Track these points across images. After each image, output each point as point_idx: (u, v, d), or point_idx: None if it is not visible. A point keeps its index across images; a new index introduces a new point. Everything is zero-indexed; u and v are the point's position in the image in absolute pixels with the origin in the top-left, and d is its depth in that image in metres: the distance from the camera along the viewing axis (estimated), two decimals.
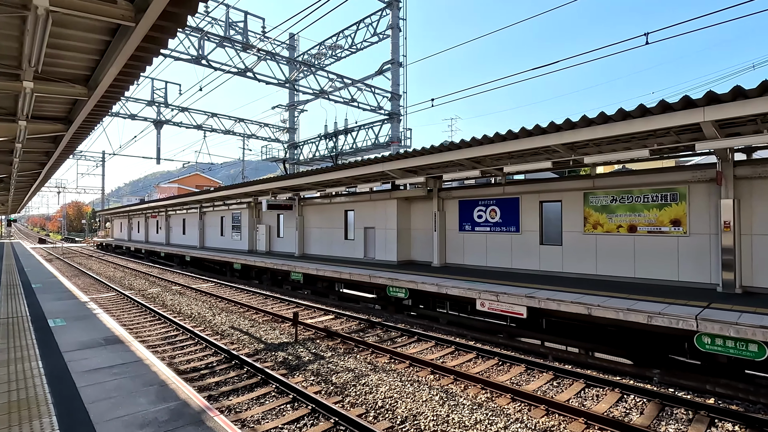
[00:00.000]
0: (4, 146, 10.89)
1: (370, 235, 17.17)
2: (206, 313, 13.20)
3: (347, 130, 21.37)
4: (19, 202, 31.64)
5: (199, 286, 18.65)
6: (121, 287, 18.81)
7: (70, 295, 10.97)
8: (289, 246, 21.99)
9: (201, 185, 56.37)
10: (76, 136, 11.01)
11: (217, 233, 27.86)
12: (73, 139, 11.05)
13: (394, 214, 15.95)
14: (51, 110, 9.29)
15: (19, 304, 9.15)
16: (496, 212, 13.51)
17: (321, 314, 12.99)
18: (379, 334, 10.67)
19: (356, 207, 17.70)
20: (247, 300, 15.47)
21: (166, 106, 20.57)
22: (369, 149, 20.82)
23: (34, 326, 7.31)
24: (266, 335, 10.52)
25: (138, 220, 44.03)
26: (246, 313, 13.11)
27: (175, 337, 10.43)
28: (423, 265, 15.31)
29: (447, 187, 15.16)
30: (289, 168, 26.05)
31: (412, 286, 11.67)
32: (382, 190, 16.58)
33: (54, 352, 6.13)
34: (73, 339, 6.87)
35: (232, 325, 11.54)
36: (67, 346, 6.53)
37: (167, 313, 13.09)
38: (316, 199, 20.09)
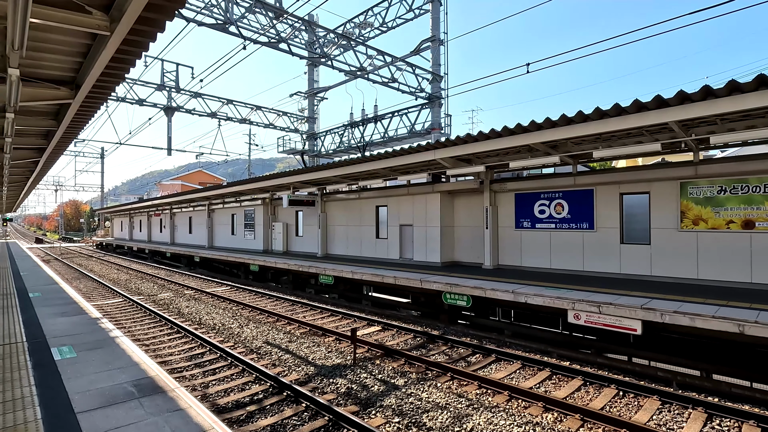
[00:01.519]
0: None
1: (406, 234, 15.44)
2: (231, 323, 11.46)
3: (377, 117, 19.53)
4: (14, 200, 29.78)
5: (214, 290, 16.89)
6: (128, 292, 17.03)
7: (77, 308, 9.04)
8: (310, 245, 20.24)
9: (204, 182, 54.50)
10: (67, 134, 9.21)
11: (227, 232, 26.07)
12: (65, 135, 9.26)
13: (437, 210, 14.21)
14: (40, 108, 7.55)
15: (12, 321, 7.34)
16: (563, 207, 11.79)
17: (364, 324, 11.26)
18: (446, 352, 8.94)
19: (390, 202, 15.96)
20: (273, 307, 13.73)
21: (177, 91, 18.67)
22: (404, 138, 19.00)
23: (32, 360, 5.36)
24: (311, 353, 8.78)
25: (140, 219, 42.16)
26: (277, 324, 11.37)
27: (202, 356, 8.67)
28: (471, 267, 13.59)
29: (501, 178, 13.43)
30: (308, 161, 24.23)
31: (478, 293, 9.94)
32: (423, 183, 14.84)
33: (63, 415, 4.08)
34: (90, 384, 4.85)
35: (266, 340, 9.80)
36: (82, 400, 4.46)
37: (186, 324, 11.35)
38: (341, 194, 18.33)
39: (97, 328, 7.01)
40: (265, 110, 21.83)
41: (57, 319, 7.70)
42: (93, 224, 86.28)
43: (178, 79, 18.42)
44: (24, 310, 8.29)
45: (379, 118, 19.75)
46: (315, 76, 23.54)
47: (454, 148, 10.83)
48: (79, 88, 5.71)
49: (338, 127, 22.03)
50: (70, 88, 5.84)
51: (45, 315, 8.07)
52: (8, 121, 7.20)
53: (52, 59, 5.59)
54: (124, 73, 5.59)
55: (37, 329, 6.95)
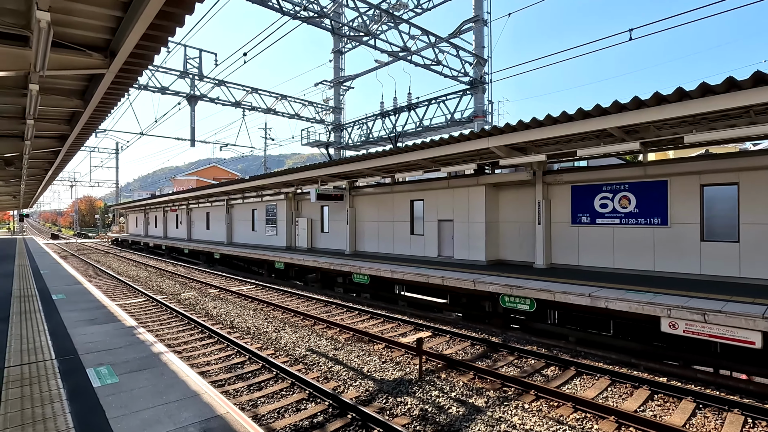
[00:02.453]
0: (14, 128, 8.25)
1: (446, 230, 14.41)
2: (265, 327, 10.57)
3: (411, 106, 18.41)
4: (31, 195, 29.35)
5: (238, 289, 16.06)
6: (150, 290, 16.28)
7: (107, 313, 7.95)
8: (336, 242, 19.31)
9: (219, 177, 53.94)
10: (96, 114, 8.31)
11: (247, 228, 25.28)
12: (93, 117, 8.36)
13: (481, 204, 13.16)
14: (66, 84, 6.66)
15: (37, 330, 6.42)
16: (629, 200, 10.66)
17: (410, 329, 10.28)
18: (515, 363, 7.93)
19: (427, 196, 14.93)
20: (306, 308, 12.83)
21: (200, 79, 17.76)
22: (441, 127, 17.88)
23: (66, 386, 4.36)
24: (363, 364, 7.83)
25: (155, 215, 41.68)
26: (316, 328, 10.45)
27: (242, 366, 7.77)
28: (520, 267, 12.53)
29: (556, 169, 12.32)
30: (333, 153, 23.26)
31: (545, 296, 8.89)
32: (466, 176, 13.78)
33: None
34: (145, 428, 3.69)
35: (309, 347, 8.87)
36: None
37: (217, 328, 10.49)
38: (371, 188, 17.34)
39: (134, 340, 6.03)
40: (290, 100, 20.84)
41: (87, 327, 6.74)
42: (107, 220, 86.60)
43: (201, 66, 17.51)
44: (49, 315, 7.42)
45: (414, 107, 18.60)
46: (341, 64, 22.49)
47: (513, 134, 9.75)
48: (114, 55, 4.79)
49: (367, 117, 20.95)
50: (104, 55, 4.93)
51: (73, 322, 7.15)
52: (32, 94, 6.26)
53: (84, 14, 4.64)
54: (169, 36, 4.64)
55: (66, 341, 6.00)
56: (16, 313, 7.76)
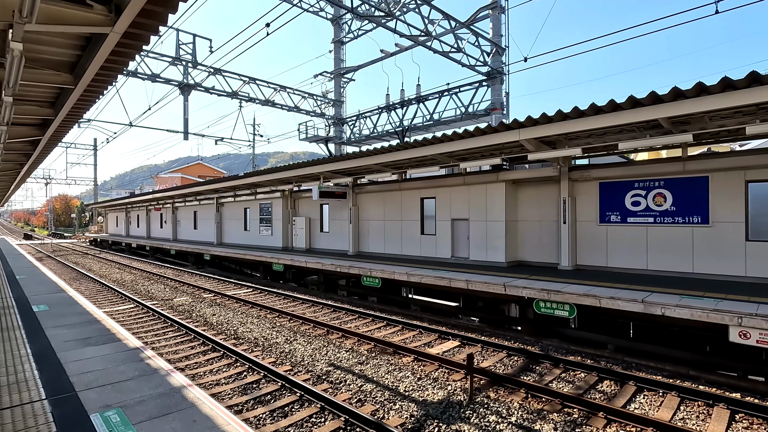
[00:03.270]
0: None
1: (460, 229, 13.61)
2: (275, 337, 9.57)
3: (420, 98, 17.49)
4: (3, 193, 27.41)
5: (235, 293, 14.96)
6: (138, 295, 15.02)
7: (102, 330, 6.68)
8: (338, 242, 18.33)
9: (204, 175, 52.12)
10: (89, 92, 7.18)
11: (239, 227, 24.03)
12: (85, 96, 7.22)
13: (501, 202, 12.40)
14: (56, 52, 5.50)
15: (18, 356, 5.13)
16: (665, 197, 10.03)
17: (434, 337, 9.43)
18: (565, 378, 7.15)
19: (439, 194, 14.10)
20: (313, 314, 11.86)
21: (194, 66, 16.44)
22: (454, 121, 17.01)
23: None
24: (397, 381, 6.94)
25: (138, 214, 39.82)
26: (331, 337, 9.50)
27: (258, 386, 6.78)
28: (542, 268, 11.82)
29: (582, 165, 11.64)
30: (334, 149, 22.18)
31: (589, 302, 8.15)
32: (483, 172, 13.00)
33: None
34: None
35: (330, 361, 7.92)
36: None
37: (221, 339, 9.44)
38: (377, 185, 16.43)
39: (144, 368, 4.96)
40: (290, 91, 19.66)
41: (81, 350, 5.53)
42: (84, 219, 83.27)
43: (195, 52, 16.22)
44: (32, 334, 6.17)
45: (423, 99, 17.71)
46: (341, 54, 21.43)
47: (548, 126, 8.99)
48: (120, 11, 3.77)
49: (372, 111, 19.92)
50: (108, 9, 3.90)
51: (62, 343, 5.90)
52: (14, 54, 4.97)
53: None
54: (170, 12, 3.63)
55: (57, 371, 4.81)
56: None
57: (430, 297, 13.45)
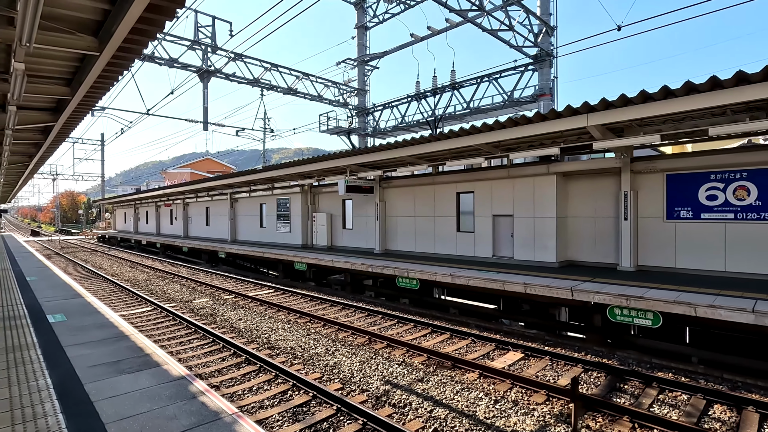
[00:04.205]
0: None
1: (503, 226, 12.57)
2: (312, 346, 8.60)
3: (455, 85, 16.36)
4: (10, 188, 26.61)
5: (257, 294, 14.04)
6: (153, 296, 14.13)
7: (135, 349, 5.47)
8: (362, 239, 17.34)
9: (213, 171, 51.28)
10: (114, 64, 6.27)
11: (254, 224, 23.10)
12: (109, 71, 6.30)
13: (552, 197, 11.34)
14: None
15: (37, 392, 3.92)
16: (748, 191, 8.95)
17: (491, 347, 8.42)
18: (665, 400, 6.13)
19: (478, 188, 13.06)
20: (347, 319, 10.91)
21: (213, 51, 15.38)
22: (494, 109, 15.88)
23: None
24: (472, 405, 5.96)
25: (147, 210, 39.02)
26: (377, 347, 8.53)
27: (309, 410, 5.82)
28: (598, 269, 10.78)
29: (647, 156, 10.57)
30: (358, 141, 21.14)
31: (681, 310, 7.10)
32: (530, 163, 11.93)
33: None
34: None
35: (384, 378, 6.95)
36: None
37: (253, 348, 8.48)
38: (406, 178, 15.40)
39: (199, 409, 3.79)
40: (313, 79, 18.57)
41: (114, 380, 4.38)
42: (91, 216, 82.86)
43: (214, 35, 15.17)
44: (50, 356, 5.08)
45: (459, 86, 16.57)
46: (365, 41, 20.32)
47: (624, 110, 7.91)
48: None
49: (400, 100, 18.76)
50: None
51: (89, 369, 4.73)
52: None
53: None
54: None
55: (89, 417, 3.59)
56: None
57: (463, 298, 12.50)
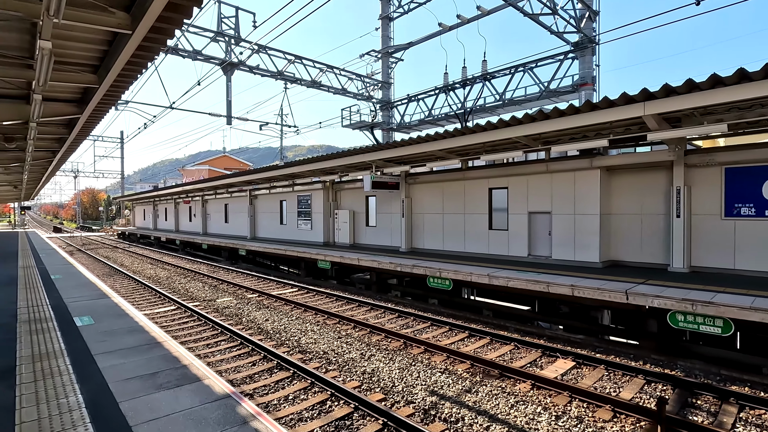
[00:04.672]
0: (18, 73, 5.74)
1: (540, 224, 11.94)
2: (345, 350, 8.14)
3: (487, 76, 15.66)
4: (34, 185, 26.87)
5: (281, 293, 13.69)
6: (176, 294, 13.89)
7: (170, 359, 4.97)
8: (386, 237, 16.86)
9: (230, 167, 51.39)
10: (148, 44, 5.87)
11: (274, 221, 22.81)
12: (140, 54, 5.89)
13: (595, 192, 10.67)
14: None
15: (68, 412, 3.50)
16: None
17: (536, 354, 7.85)
18: (752, 420, 5.49)
19: (512, 183, 12.43)
20: (377, 320, 10.46)
21: (236, 43, 14.98)
22: (530, 100, 15.19)
23: None
24: (529, 420, 5.42)
25: (165, 207, 39.21)
26: (413, 352, 8.04)
27: (352, 423, 5.35)
28: (645, 270, 10.08)
29: (701, 148, 9.81)
30: (382, 136, 20.63)
31: (759, 318, 6.42)
32: (570, 157, 11.26)
33: None
34: None
35: (428, 387, 6.44)
36: None
37: (284, 352, 8.06)
38: (433, 174, 14.84)
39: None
40: (337, 72, 18.08)
41: (152, 397, 3.88)
42: (111, 213, 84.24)
43: (238, 26, 14.79)
44: (80, 366, 4.57)
45: (490, 77, 15.87)
46: (389, 32, 19.74)
47: (687, 97, 7.22)
48: None
49: (427, 92, 18.12)
50: None
51: (124, 384, 4.21)
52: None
53: None
54: None
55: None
56: (25, 360, 4.84)
57: (493, 299, 11.94)
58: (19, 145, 10.13)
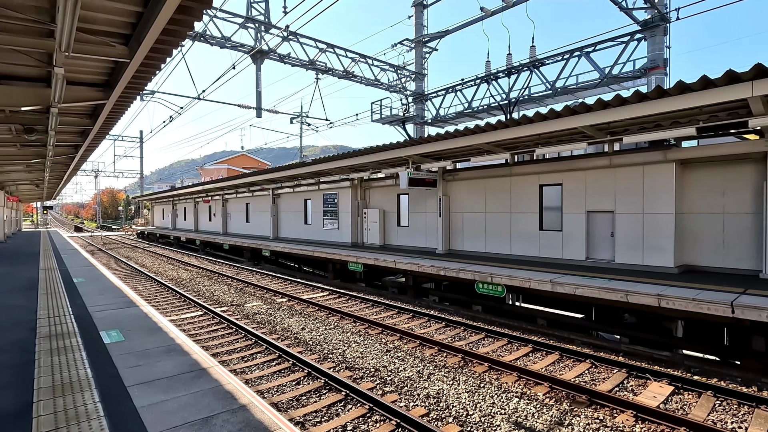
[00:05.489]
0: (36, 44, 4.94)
1: (600, 224, 10.81)
2: (399, 367, 7.19)
3: (536, 63, 14.48)
4: (56, 184, 26.63)
5: (311, 298, 12.83)
6: (202, 297, 13.14)
7: (220, 393, 4.02)
8: (419, 238, 15.87)
9: (249, 167, 51.00)
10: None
11: (298, 221, 22.01)
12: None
13: (669, 189, 9.51)
14: None
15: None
16: None
17: (621, 376, 6.77)
18: None
19: (568, 179, 11.31)
20: (423, 330, 9.47)
21: (267, 30, 14.10)
22: (587, 88, 13.97)
23: None
24: None
25: (184, 206, 38.89)
26: (476, 370, 7.04)
27: None
28: (730, 276, 8.88)
29: None
30: (415, 131, 19.66)
31: None
32: (638, 149, 10.11)
33: None
34: None
35: (511, 418, 5.44)
36: None
37: (329, 368, 7.14)
38: (475, 170, 13.79)
39: None
40: (371, 62, 17.12)
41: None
42: (130, 212, 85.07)
43: (268, 11, 13.91)
44: (112, 399, 3.75)
45: (539, 64, 14.71)
46: (423, 20, 18.73)
47: None
48: None
49: (466, 82, 16.96)
50: None
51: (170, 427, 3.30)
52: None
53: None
54: None
55: None
56: (44, 394, 3.84)
57: (538, 305, 10.89)
58: (39, 139, 9.45)
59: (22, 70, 5.44)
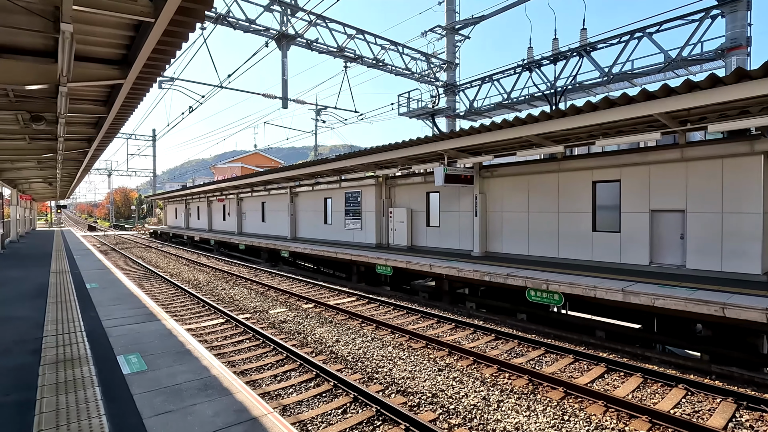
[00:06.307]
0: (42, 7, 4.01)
1: (667, 225, 9.65)
2: (459, 391, 6.17)
3: (587, 47, 13.21)
4: (69, 182, 26.07)
5: (338, 303, 11.89)
6: (221, 303, 12.26)
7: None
8: (451, 239, 14.81)
9: (262, 165, 50.33)
10: None
11: (318, 220, 21.08)
12: None
13: (757, 185, 8.34)
14: None
15: None
16: None
17: (710, 402, 5.66)
18: None
19: (627, 174, 10.18)
20: (471, 344, 8.43)
21: (293, 13, 13.09)
22: (645, 74, 12.57)
23: None
24: None
25: (198, 205, 38.26)
26: (551, 396, 6.00)
27: None
28: None
29: None
30: (446, 124, 18.59)
31: None
32: (716, 140, 8.94)
33: None
34: None
35: None
36: None
37: (377, 392, 6.15)
38: (517, 166, 12.70)
39: None
40: (402, 49, 16.01)
41: None
42: (142, 211, 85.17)
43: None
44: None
45: (591, 48, 13.45)
46: (455, 5, 17.59)
47: None
48: None
49: (504, 71, 15.78)
50: None
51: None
52: None
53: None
54: None
55: None
56: None
57: (587, 313, 9.81)
58: (49, 130, 8.59)
59: (25, 40, 4.52)
